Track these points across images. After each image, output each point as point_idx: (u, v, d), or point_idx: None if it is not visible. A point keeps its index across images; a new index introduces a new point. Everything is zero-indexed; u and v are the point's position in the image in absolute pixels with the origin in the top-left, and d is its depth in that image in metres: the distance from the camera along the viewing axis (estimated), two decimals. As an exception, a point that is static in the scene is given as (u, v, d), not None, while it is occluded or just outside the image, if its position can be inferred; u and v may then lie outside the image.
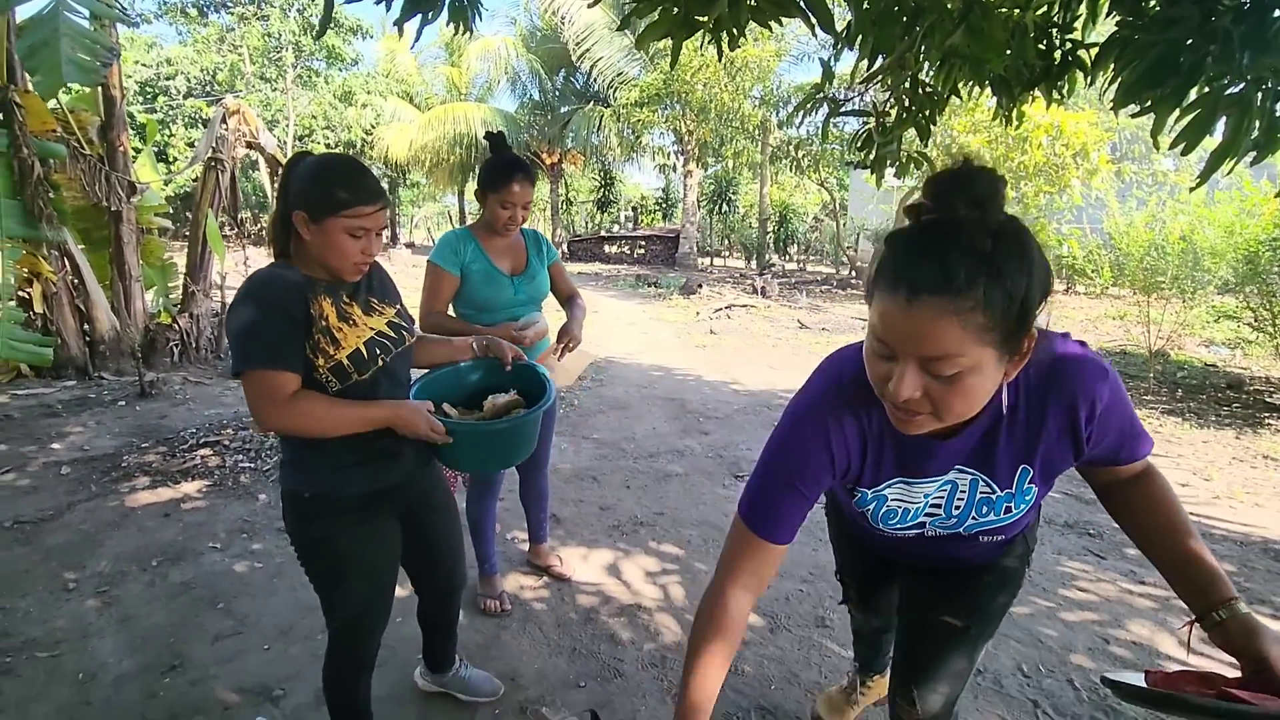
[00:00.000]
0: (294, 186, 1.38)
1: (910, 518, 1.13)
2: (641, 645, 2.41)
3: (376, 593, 1.58)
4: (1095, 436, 1.00)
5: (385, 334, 1.50)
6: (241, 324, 1.33)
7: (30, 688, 2.11)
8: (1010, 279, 0.80)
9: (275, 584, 2.72)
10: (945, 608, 1.28)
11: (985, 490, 1.07)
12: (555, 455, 4.23)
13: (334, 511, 1.48)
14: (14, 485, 3.58)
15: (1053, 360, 0.97)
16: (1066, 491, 3.87)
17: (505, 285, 2.34)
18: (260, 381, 1.32)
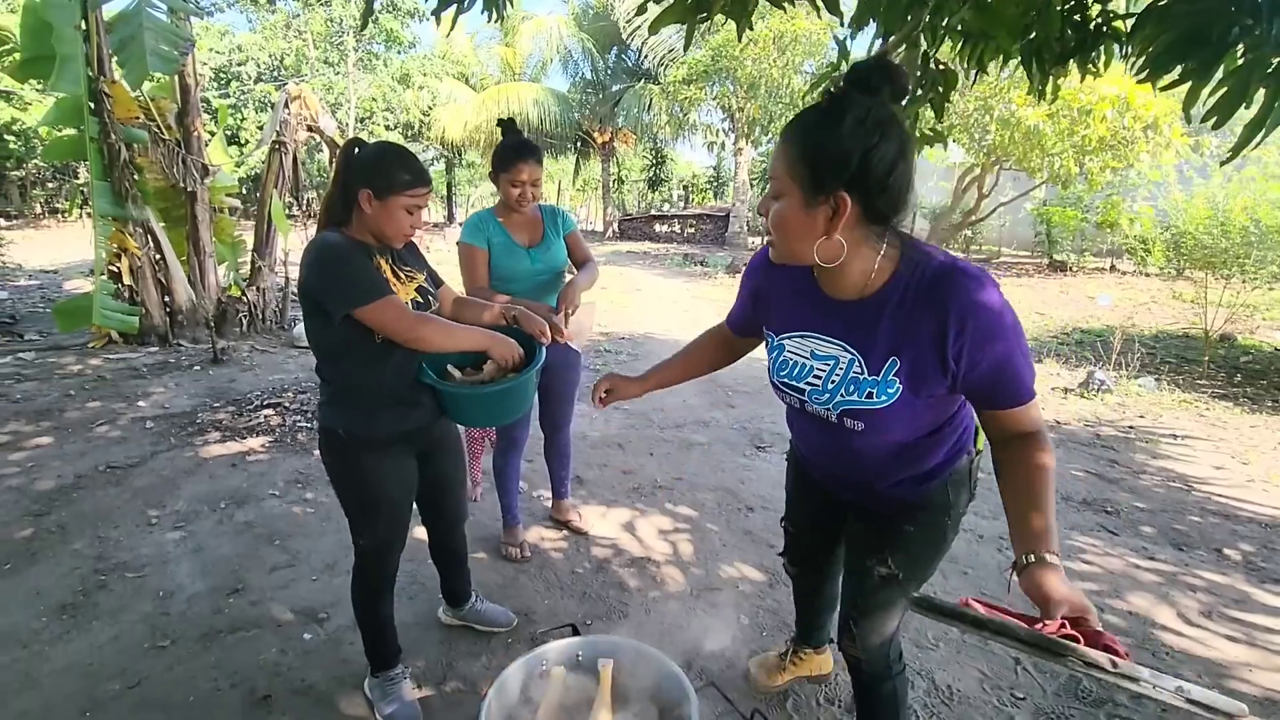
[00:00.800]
0: (357, 168, 1.63)
1: (797, 374, 1.28)
2: (648, 593, 2.61)
3: (396, 518, 1.83)
4: (966, 360, 1.09)
5: (415, 299, 1.76)
6: (342, 272, 1.57)
7: (120, 600, 2.47)
8: (833, 137, 1.03)
9: (324, 526, 3.03)
10: (876, 556, 1.43)
11: (857, 371, 1.20)
12: (584, 424, 4.46)
13: (364, 447, 1.73)
14: (107, 436, 4.04)
15: (945, 271, 1.10)
16: (1089, 470, 3.87)
17: (523, 256, 2.54)
18: (386, 307, 1.58)
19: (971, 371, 1.11)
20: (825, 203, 1.06)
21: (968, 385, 1.14)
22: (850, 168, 1.03)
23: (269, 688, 2.05)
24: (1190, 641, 2.36)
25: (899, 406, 1.18)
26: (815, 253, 1.11)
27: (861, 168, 1.03)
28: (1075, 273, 12.93)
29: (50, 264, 11.64)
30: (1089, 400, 5.19)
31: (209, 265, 6.54)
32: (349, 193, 1.64)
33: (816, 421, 1.32)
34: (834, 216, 1.07)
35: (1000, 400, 1.13)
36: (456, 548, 2.17)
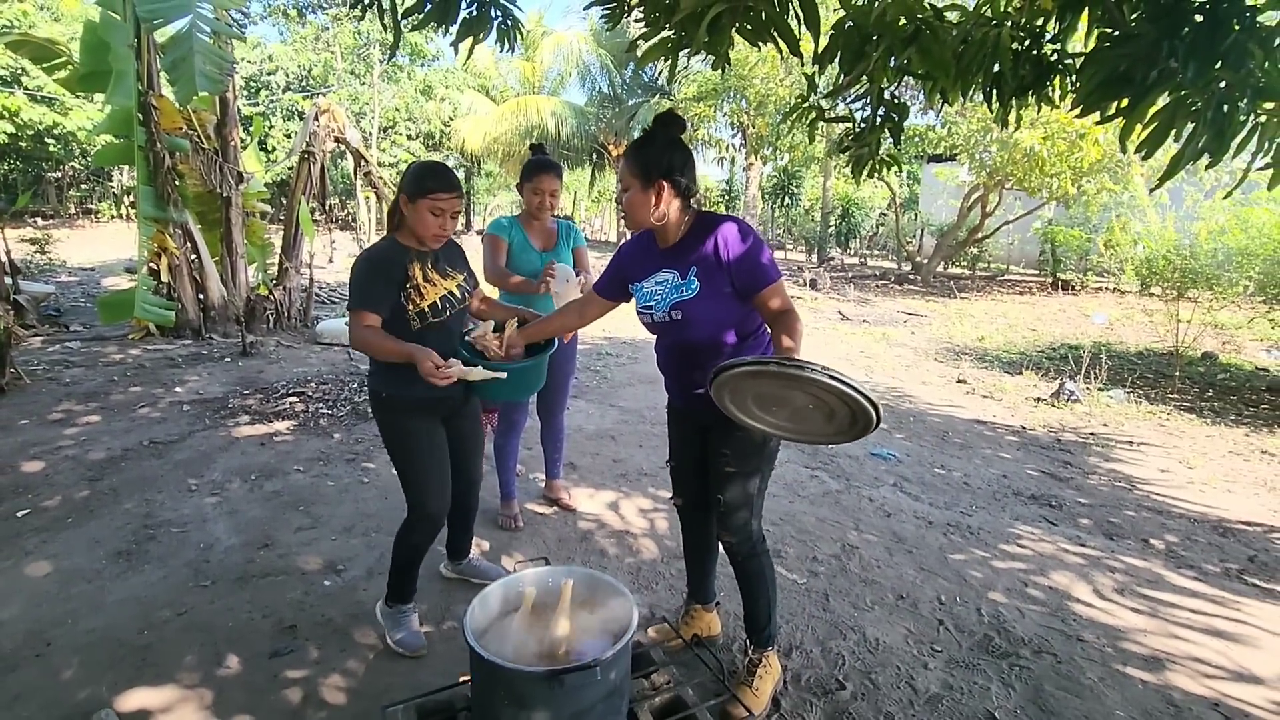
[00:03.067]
0: (403, 180, 2.08)
1: (649, 298, 1.94)
2: (624, 559, 2.96)
3: (434, 469, 2.21)
4: (733, 261, 1.81)
5: (452, 294, 2.16)
6: (355, 276, 2.05)
7: (167, 549, 2.86)
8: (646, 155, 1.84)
9: (343, 497, 3.42)
10: (721, 458, 1.98)
11: (675, 281, 1.89)
12: (581, 418, 4.83)
13: (404, 408, 2.15)
14: (148, 416, 4.47)
15: (711, 219, 1.89)
16: (1043, 469, 4.17)
17: (535, 257, 2.94)
18: (354, 316, 2.01)
19: (735, 264, 1.82)
20: (653, 188, 1.84)
21: (738, 276, 1.82)
22: (662, 166, 1.83)
23: (294, 619, 2.42)
24: (1097, 612, 2.67)
25: (701, 298, 1.86)
26: (651, 218, 1.87)
27: (668, 166, 1.83)
28: (1078, 292, 13.15)
29: (87, 262, 12.23)
30: (1058, 409, 5.48)
31: (240, 265, 7.01)
32: (396, 201, 2.08)
33: (662, 328, 1.98)
34: (659, 195, 1.84)
35: (757, 284, 1.82)
36: (470, 506, 2.55)
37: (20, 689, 2.04)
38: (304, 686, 2.09)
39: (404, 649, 2.27)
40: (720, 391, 1.67)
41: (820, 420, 1.65)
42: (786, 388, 1.58)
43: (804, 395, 1.58)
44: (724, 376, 1.59)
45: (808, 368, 1.46)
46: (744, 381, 1.61)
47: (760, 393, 1.66)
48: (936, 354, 7.69)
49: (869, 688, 2.19)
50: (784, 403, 1.66)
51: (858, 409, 1.51)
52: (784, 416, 1.71)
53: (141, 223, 6.07)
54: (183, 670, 2.14)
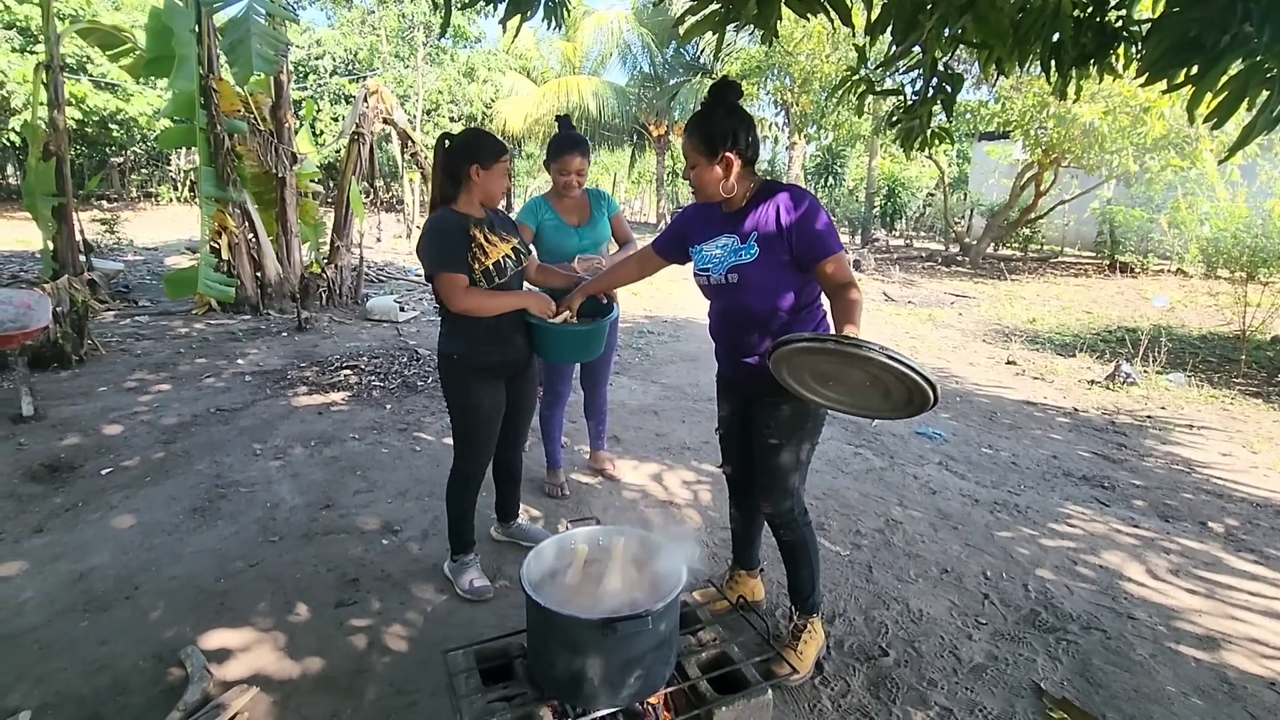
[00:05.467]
0: (462, 151, 2.18)
1: (706, 259, 1.98)
2: (668, 526, 3.02)
3: (488, 428, 2.35)
4: (792, 229, 1.83)
5: (510, 255, 2.27)
6: (431, 244, 2.16)
7: (237, 507, 3.03)
8: (709, 128, 1.86)
9: (397, 464, 3.56)
10: (766, 430, 2.00)
11: (735, 245, 1.92)
12: (625, 394, 4.89)
13: (470, 369, 2.27)
14: (214, 386, 4.70)
15: (775, 187, 1.91)
16: (1096, 451, 4.08)
17: (571, 235, 2.98)
18: (445, 280, 2.13)
19: (794, 233, 1.83)
20: (719, 162, 1.87)
21: (797, 245, 1.84)
22: (727, 138, 1.85)
23: (356, 574, 2.56)
24: (1150, 591, 2.63)
25: (759, 264, 1.88)
26: (721, 190, 1.91)
27: (733, 136, 1.85)
28: (1138, 274, 12.62)
29: (150, 242, 12.79)
30: (1113, 392, 5.32)
31: (295, 244, 7.26)
32: (456, 173, 2.17)
33: (717, 292, 2.01)
34: (727, 167, 1.87)
35: (817, 254, 1.83)
36: (516, 465, 2.65)
37: (115, 627, 2.21)
38: (368, 634, 2.22)
39: (473, 595, 2.41)
40: (779, 365, 1.69)
41: (876, 397, 1.67)
42: (844, 365, 1.60)
43: (861, 373, 1.59)
44: (782, 351, 1.61)
45: (866, 347, 1.46)
46: (802, 356, 1.63)
47: (818, 368, 1.68)
48: (985, 335, 7.52)
49: (912, 655, 2.22)
50: (841, 379, 1.68)
51: (915, 388, 1.52)
52: (841, 391, 1.73)
53: (203, 202, 6.33)
54: (257, 615, 2.29)
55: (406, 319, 7.17)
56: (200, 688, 1.87)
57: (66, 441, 3.67)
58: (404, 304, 7.52)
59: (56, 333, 4.83)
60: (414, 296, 8.59)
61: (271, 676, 2.00)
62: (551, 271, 2.53)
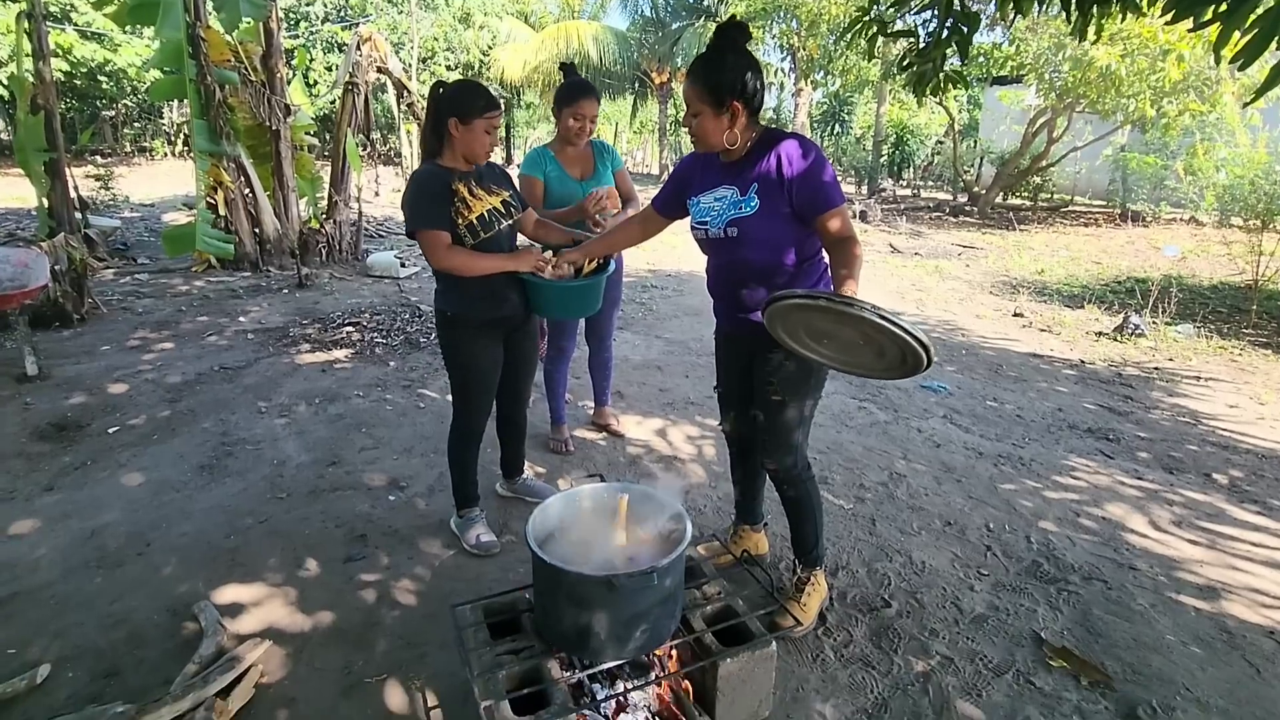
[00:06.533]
0: (445, 102, 2.09)
1: (705, 213, 1.91)
2: (672, 481, 3.04)
3: (485, 385, 2.34)
4: (794, 179, 1.76)
5: (498, 209, 2.21)
6: (411, 200, 2.11)
7: (244, 464, 3.06)
8: (716, 75, 1.76)
9: (401, 420, 3.57)
10: (768, 386, 1.97)
11: (735, 197, 1.85)
12: (627, 349, 4.87)
13: (466, 326, 2.24)
14: (217, 344, 4.69)
15: (777, 135, 1.82)
16: (1101, 404, 4.06)
17: (575, 187, 2.90)
18: (428, 237, 2.08)
19: (796, 183, 1.77)
20: (726, 111, 1.78)
21: (798, 196, 1.78)
22: (735, 86, 1.76)
23: (364, 529, 2.58)
24: (1152, 542, 2.65)
25: (759, 217, 1.82)
26: (725, 141, 1.83)
27: (740, 84, 1.76)
28: (1149, 223, 12.41)
29: (146, 198, 12.62)
30: (1121, 343, 5.27)
31: (292, 199, 7.14)
32: (440, 125, 2.09)
33: (715, 246, 1.95)
34: (733, 117, 1.79)
35: (818, 206, 1.77)
36: (519, 423, 2.65)
37: (128, 582, 2.24)
38: (377, 589, 2.25)
39: (479, 550, 2.43)
40: (773, 321, 1.65)
41: (870, 356, 1.63)
42: (837, 323, 1.55)
43: (854, 332, 1.55)
44: (775, 307, 1.57)
45: (856, 305, 1.42)
46: (795, 313, 1.59)
47: (812, 325, 1.64)
48: (992, 287, 7.44)
49: (914, 606, 2.24)
50: (835, 337, 1.64)
51: (908, 349, 1.47)
52: (835, 349, 1.70)
53: (197, 156, 6.20)
54: (268, 571, 2.32)
55: (408, 275, 7.11)
56: (214, 641, 1.90)
57: (73, 400, 3.68)
58: (405, 259, 7.44)
59: (56, 291, 4.80)
60: (414, 252, 8.49)
61: (284, 630, 2.04)
62: (550, 227, 2.46)
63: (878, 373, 1.69)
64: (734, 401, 2.24)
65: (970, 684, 1.91)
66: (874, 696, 1.87)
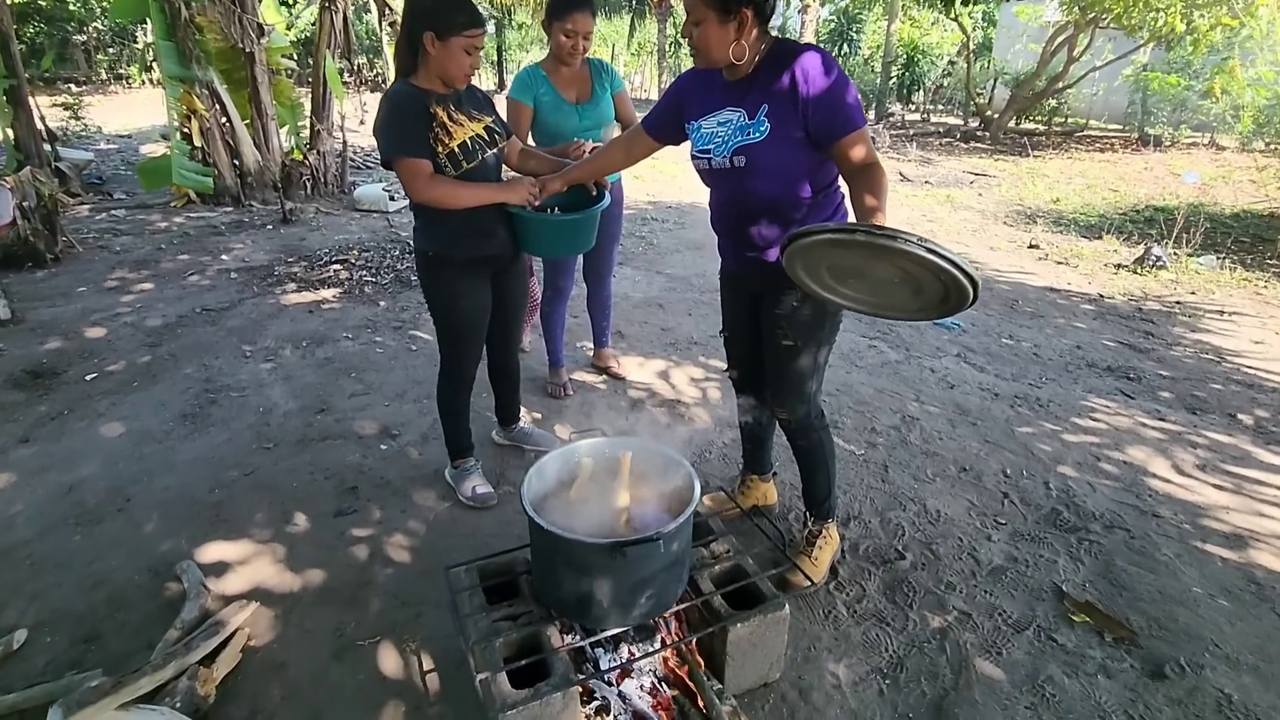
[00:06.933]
0: (421, 13, 1.83)
1: (707, 139, 1.70)
2: (675, 428, 2.92)
3: (473, 330, 2.17)
4: (811, 99, 1.55)
5: (482, 136, 1.99)
6: (386, 125, 1.87)
7: (229, 412, 2.93)
8: None
9: (393, 364, 3.42)
10: (779, 331, 1.82)
11: (742, 121, 1.63)
12: (628, 285, 4.67)
13: (449, 266, 2.06)
14: (199, 284, 4.49)
15: (791, 48, 1.59)
16: (1121, 340, 3.91)
17: (570, 113, 2.65)
18: (408, 166, 1.86)
19: (814, 103, 1.55)
20: (733, 20, 1.55)
21: (815, 119, 1.56)
22: None
23: (355, 481, 2.47)
24: (1175, 488, 2.54)
25: (770, 143, 1.61)
26: (731, 55, 1.58)
27: None
28: (1168, 148, 11.91)
29: (124, 129, 12.07)
30: (1141, 276, 5.07)
31: (272, 128, 6.77)
32: (414, 39, 1.84)
33: (720, 178, 1.74)
34: (741, 27, 1.56)
35: (838, 130, 1.56)
36: (511, 368, 2.49)
37: (108, 540, 2.15)
38: (369, 545, 2.15)
39: (475, 502, 2.33)
40: (793, 260, 1.47)
41: (905, 295, 1.45)
42: (872, 259, 1.37)
43: (891, 268, 1.36)
44: (800, 244, 1.37)
45: (901, 238, 1.23)
46: (822, 250, 1.40)
47: (838, 263, 1.45)
48: (1006, 217, 7.15)
49: (929, 558, 2.15)
50: (864, 275, 1.45)
51: (952, 285, 1.29)
52: (863, 289, 1.51)
53: (166, 83, 5.82)
54: (254, 526, 2.22)
55: (397, 209, 6.81)
56: (198, 604, 1.81)
57: (48, 346, 3.52)
58: (393, 193, 7.12)
59: (26, 230, 4.56)
60: (404, 184, 8.15)
61: (271, 590, 1.95)
62: (537, 156, 2.23)
63: (909, 314, 1.52)
64: (741, 347, 2.08)
65: (989, 641, 1.83)
66: (889, 655, 1.79)
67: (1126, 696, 1.66)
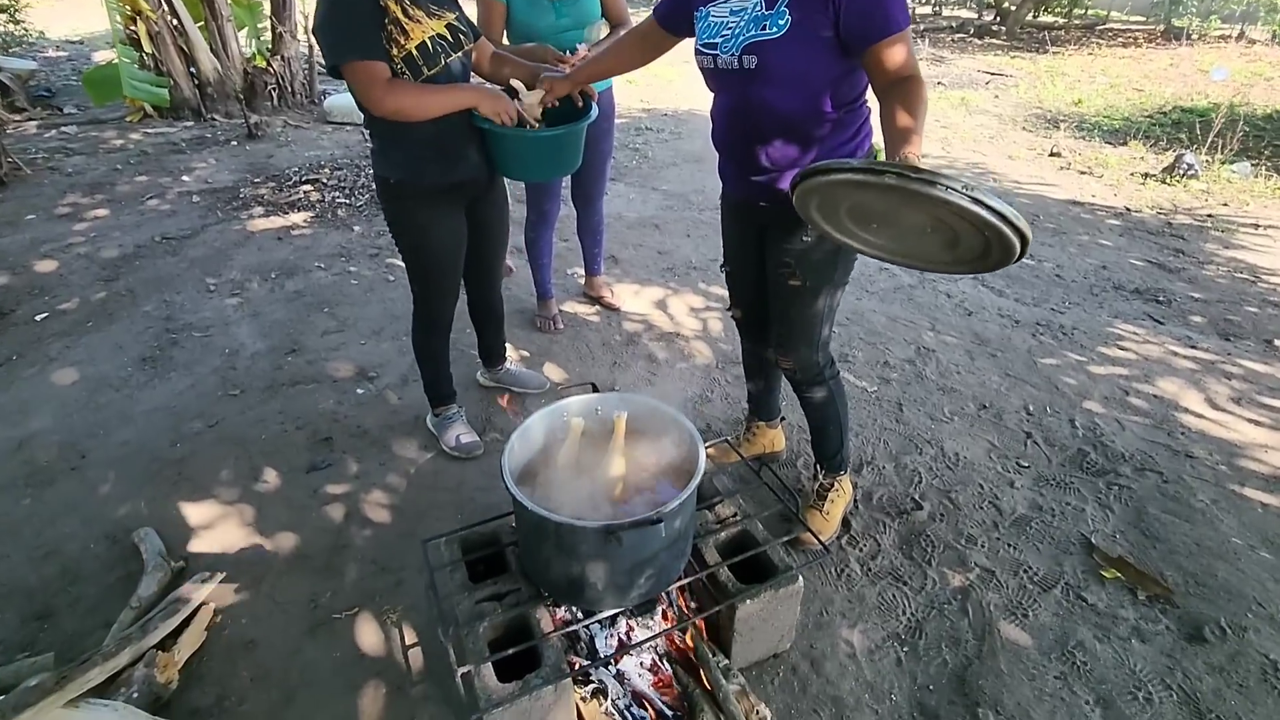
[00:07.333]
0: None
1: (715, 32, 1.43)
2: (674, 364, 2.72)
3: (447, 267, 1.92)
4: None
5: (444, 36, 1.68)
6: (330, 22, 1.56)
7: (192, 355, 2.71)
8: None
9: (369, 297, 3.17)
10: (785, 269, 1.60)
11: (755, 12, 1.36)
12: (621, 204, 4.35)
13: (416, 195, 1.78)
14: (157, 209, 4.15)
15: None
16: (1149, 259, 3.66)
17: (547, 9, 2.29)
18: (361, 71, 1.56)
19: (850, 9, 1.28)
20: None
21: (848, 14, 1.29)
22: None
23: (329, 431, 2.29)
24: (1210, 424, 2.38)
25: (789, 40, 1.33)
26: None
27: None
28: (1195, 42, 11.13)
29: (73, 33, 11.15)
30: (1170, 186, 4.74)
31: (229, 31, 6.16)
32: None
33: (725, 81, 1.47)
34: None
35: (875, 30, 1.28)
36: (494, 305, 2.26)
37: (61, 504, 1.98)
38: (346, 503, 2.00)
39: (460, 452, 2.16)
40: (806, 198, 1.21)
41: (937, 246, 1.19)
42: (903, 204, 1.11)
43: (925, 216, 1.11)
44: (814, 182, 1.12)
45: (940, 183, 0.98)
46: (842, 191, 1.15)
47: (862, 205, 1.19)
48: (1024, 122, 6.69)
49: (948, 508, 2.01)
50: (892, 221, 1.19)
51: (996, 240, 1.05)
52: (888, 236, 1.25)
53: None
54: (220, 485, 2.05)
55: (372, 121, 6.32)
56: (156, 578, 1.66)
57: (-6, 282, 3.26)
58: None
59: (-38, 151, 4.17)
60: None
61: (238, 558, 1.80)
62: (513, 62, 1.90)
63: (940, 266, 1.28)
64: (745, 284, 1.85)
65: (1014, 602, 1.71)
66: (906, 618, 1.67)
67: (1163, 663, 1.55)
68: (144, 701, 1.39)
